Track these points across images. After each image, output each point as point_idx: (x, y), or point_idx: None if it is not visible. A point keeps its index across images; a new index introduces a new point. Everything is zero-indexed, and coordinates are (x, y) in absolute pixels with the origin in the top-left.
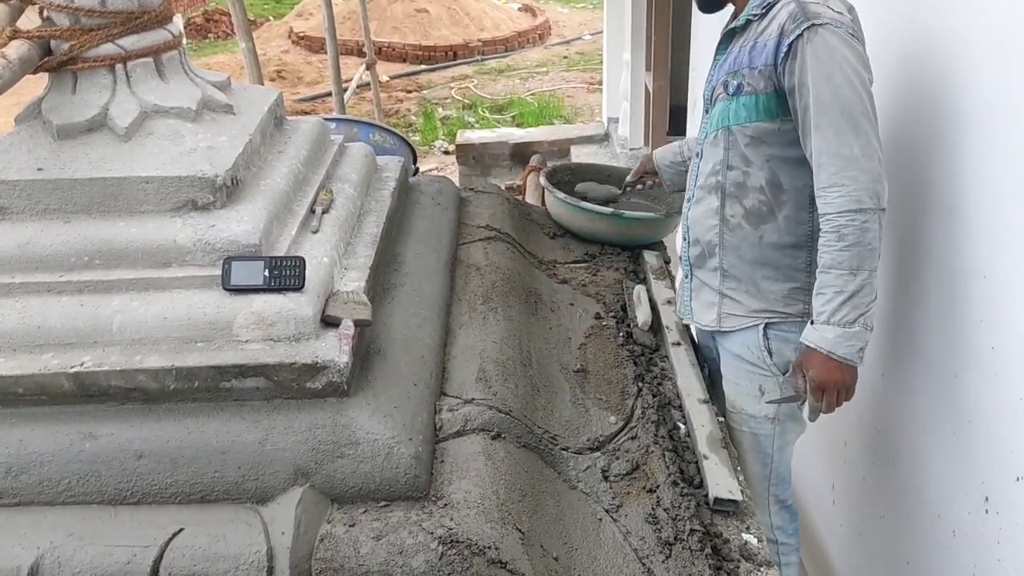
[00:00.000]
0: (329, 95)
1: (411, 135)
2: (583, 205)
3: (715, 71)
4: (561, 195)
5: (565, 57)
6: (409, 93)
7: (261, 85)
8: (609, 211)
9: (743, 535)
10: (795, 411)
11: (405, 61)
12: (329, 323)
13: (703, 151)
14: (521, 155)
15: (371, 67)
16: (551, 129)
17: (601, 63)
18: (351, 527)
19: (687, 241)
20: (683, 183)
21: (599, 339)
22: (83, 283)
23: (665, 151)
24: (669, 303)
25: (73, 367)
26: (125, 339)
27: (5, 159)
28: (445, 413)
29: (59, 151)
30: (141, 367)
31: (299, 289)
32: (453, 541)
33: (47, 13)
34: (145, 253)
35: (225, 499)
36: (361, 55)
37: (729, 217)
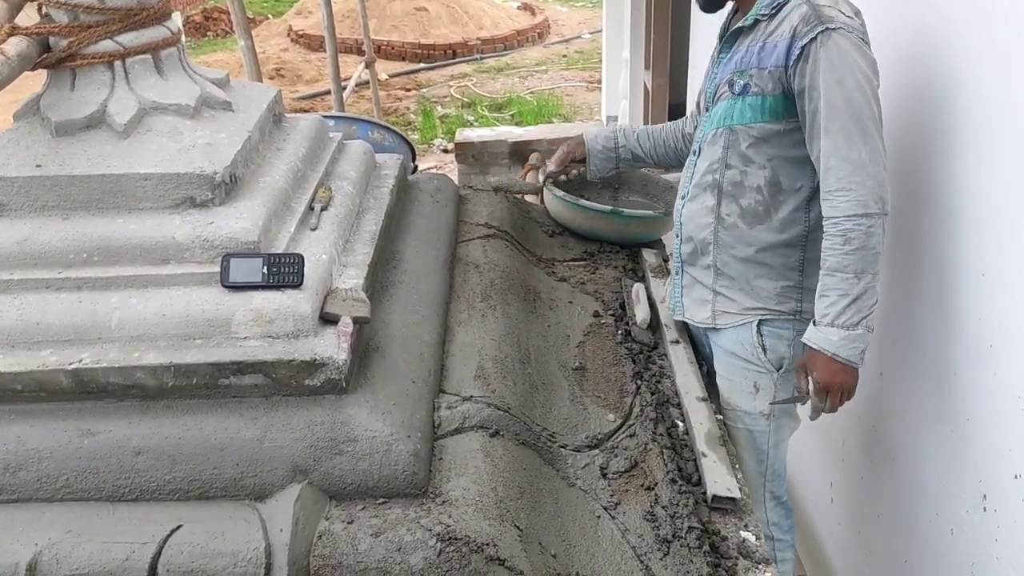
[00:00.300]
0: (328, 93)
1: (410, 133)
2: (582, 203)
3: (718, 69)
4: (560, 193)
5: (564, 56)
6: (408, 91)
7: (260, 83)
8: (608, 209)
9: (741, 532)
10: (790, 407)
11: (404, 59)
12: (328, 320)
13: (700, 149)
14: (520, 153)
15: (370, 65)
16: (550, 128)
17: (600, 61)
18: (349, 524)
19: (679, 238)
20: (607, 170)
21: (598, 337)
22: (82, 280)
23: (599, 134)
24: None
25: (71, 364)
26: (123, 336)
27: (3, 156)
28: (444, 410)
29: (58, 148)
30: (139, 364)
31: (298, 286)
32: (451, 538)
33: (46, 10)
34: (144, 250)
35: (223, 496)
36: (360, 53)
37: (725, 216)
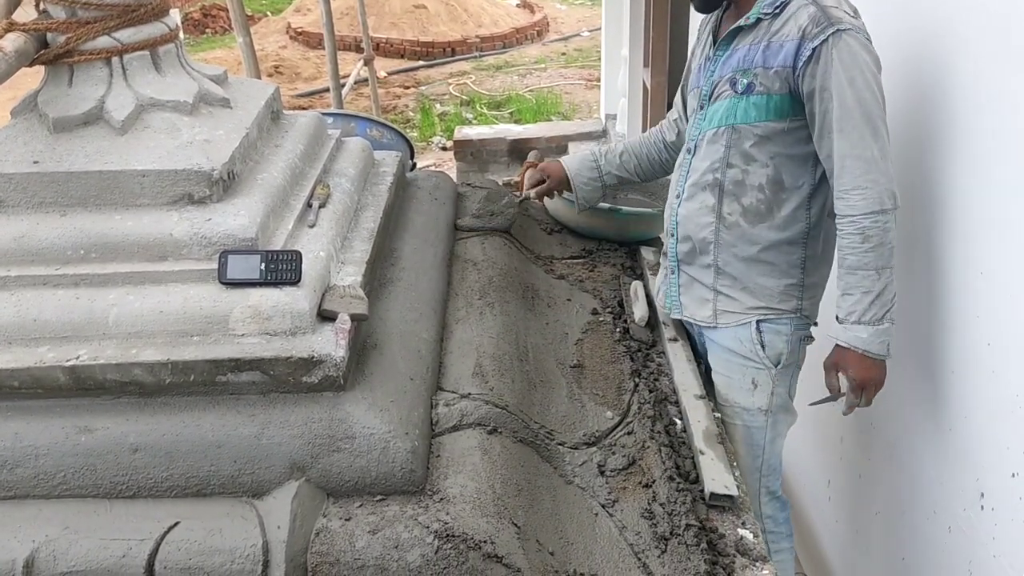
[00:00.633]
0: (327, 91)
1: (409, 131)
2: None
3: (716, 67)
4: None
5: (563, 53)
6: (407, 89)
7: (258, 80)
8: (607, 207)
9: (739, 530)
10: (787, 403)
11: (403, 57)
12: (326, 317)
13: (697, 147)
14: (519, 151)
15: (369, 63)
16: (549, 125)
17: (599, 59)
18: (347, 521)
19: (675, 237)
20: (595, 200)
21: (596, 334)
22: (79, 276)
23: (581, 165)
24: None
25: (69, 360)
26: (121, 333)
27: (1, 152)
28: (441, 408)
29: (55, 144)
30: (137, 361)
31: (295, 283)
32: (449, 535)
33: (43, 6)
34: (141, 247)
35: (221, 493)
36: (359, 51)
37: (727, 215)
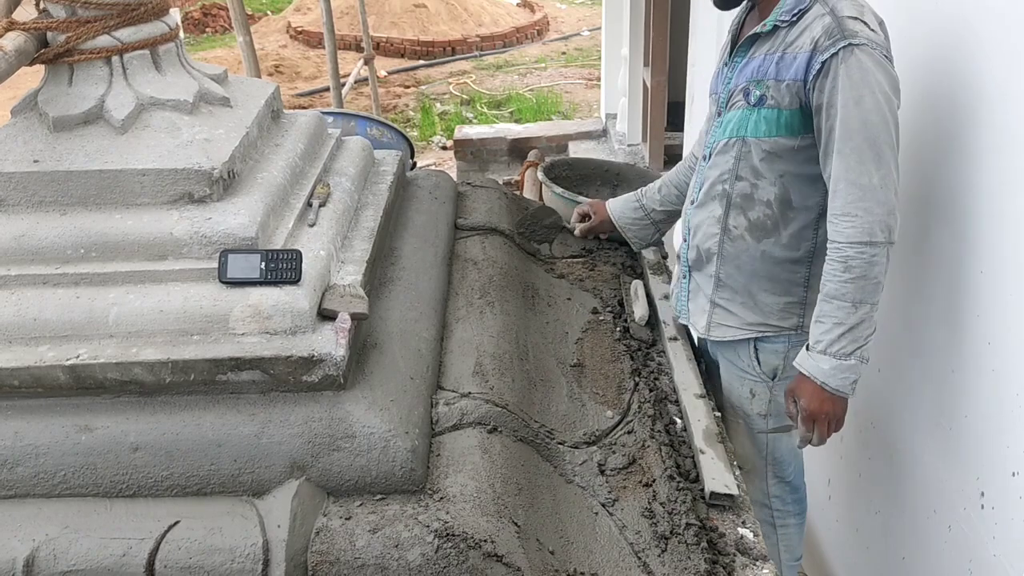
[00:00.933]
0: (327, 90)
1: (409, 130)
2: (581, 200)
3: (733, 74)
4: (559, 190)
5: (563, 53)
6: (407, 88)
7: (258, 79)
8: None
9: (739, 529)
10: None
11: (403, 56)
12: (326, 316)
13: (711, 155)
14: (519, 151)
15: (369, 62)
16: (549, 125)
17: (599, 59)
18: (347, 520)
19: (686, 242)
20: (649, 237)
21: (596, 334)
22: (79, 275)
23: (624, 208)
24: (666, 298)
25: (69, 359)
26: (121, 332)
27: (1, 151)
28: (441, 407)
29: (55, 143)
30: (137, 360)
31: (296, 282)
32: (449, 534)
33: (44, 5)
34: (141, 246)
35: (221, 492)
36: (359, 50)
37: (732, 228)
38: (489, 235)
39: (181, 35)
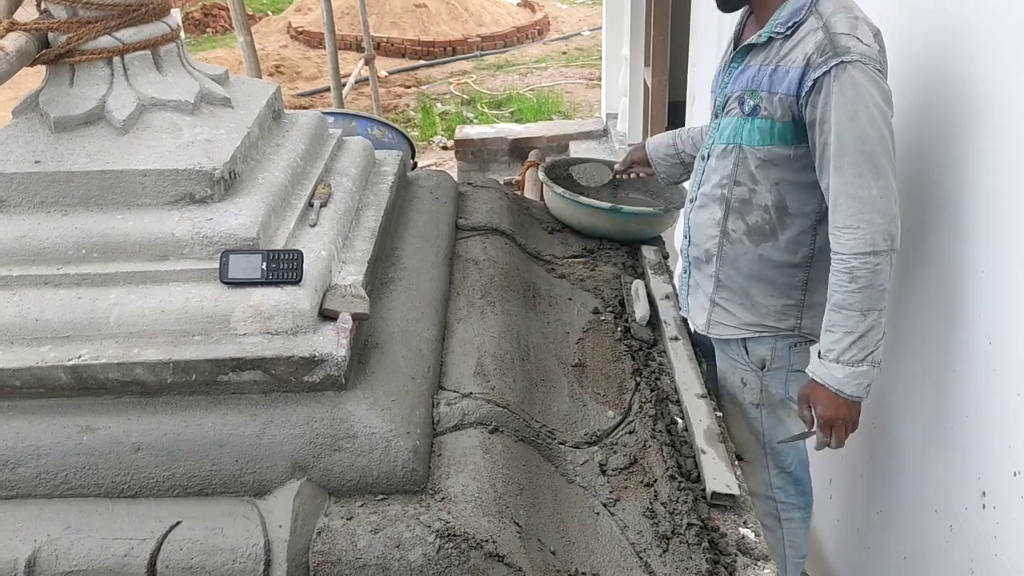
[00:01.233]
0: (328, 90)
1: (410, 130)
2: (581, 200)
3: (730, 80)
4: (560, 190)
5: (564, 53)
6: (408, 88)
7: (259, 79)
8: (608, 206)
9: (740, 529)
10: (784, 400)
11: (404, 56)
12: (327, 316)
13: (711, 157)
14: (520, 150)
15: (370, 62)
16: (550, 125)
17: (600, 59)
18: (348, 520)
19: (687, 239)
20: (677, 175)
21: (597, 334)
22: (80, 276)
23: (659, 142)
24: (667, 298)
25: (70, 360)
26: (122, 332)
27: (2, 152)
28: (443, 407)
29: (56, 144)
30: (138, 360)
31: (297, 283)
32: (450, 534)
33: (45, 5)
34: (143, 246)
35: (222, 492)
36: (360, 50)
37: (731, 231)
38: (490, 235)
39: (182, 35)
